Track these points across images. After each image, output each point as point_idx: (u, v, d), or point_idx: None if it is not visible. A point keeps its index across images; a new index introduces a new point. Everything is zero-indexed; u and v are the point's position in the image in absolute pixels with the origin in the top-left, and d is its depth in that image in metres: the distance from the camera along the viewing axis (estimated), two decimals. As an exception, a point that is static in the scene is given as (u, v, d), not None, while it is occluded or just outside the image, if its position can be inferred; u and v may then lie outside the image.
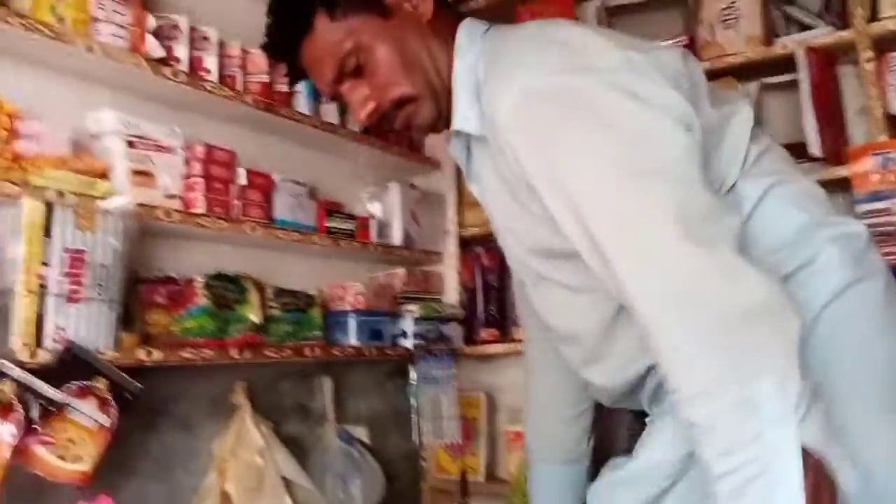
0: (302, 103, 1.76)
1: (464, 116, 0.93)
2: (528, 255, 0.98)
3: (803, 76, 1.72)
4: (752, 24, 1.85)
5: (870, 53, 1.69)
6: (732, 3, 1.88)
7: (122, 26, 1.32)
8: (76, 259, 1.17)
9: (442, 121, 0.98)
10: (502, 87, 0.82)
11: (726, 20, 1.88)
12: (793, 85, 1.76)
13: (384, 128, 1.02)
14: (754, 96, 1.90)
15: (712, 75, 1.86)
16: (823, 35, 1.76)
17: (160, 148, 1.39)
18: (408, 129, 1.00)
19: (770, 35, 1.85)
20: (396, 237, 1.96)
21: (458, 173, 2.11)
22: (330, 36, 0.92)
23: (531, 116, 0.80)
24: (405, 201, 1.99)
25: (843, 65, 1.84)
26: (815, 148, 1.67)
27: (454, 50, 0.94)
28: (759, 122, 0.99)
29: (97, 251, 1.20)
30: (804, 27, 1.84)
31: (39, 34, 1.18)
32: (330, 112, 1.84)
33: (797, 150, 1.75)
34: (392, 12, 0.93)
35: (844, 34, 1.73)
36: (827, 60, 1.78)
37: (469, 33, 0.95)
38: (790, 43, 1.79)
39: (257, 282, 1.55)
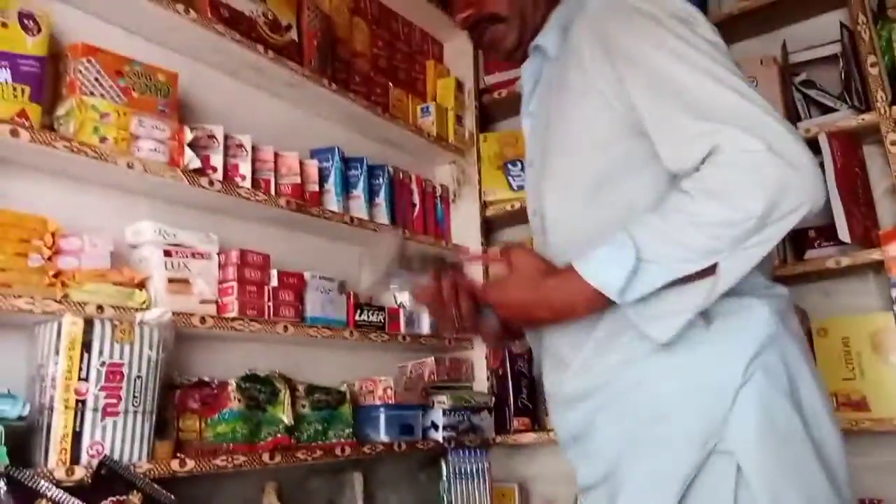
0: (332, 201, 1.81)
1: (547, 34, 1.09)
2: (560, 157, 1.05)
3: (827, 161, 1.73)
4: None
5: (894, 136, 1.69)
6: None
7: (160, 141, 1.37)
8: (114, 372, 1.19)
9: (520, 52, 1.14)
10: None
11: (747, 106, 1.90)
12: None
13: (474, 38, 1.16)
14: (779, 180, 1.91)
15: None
16: (846, 118, 1.77)
17: (196, 255, 1.43)
18: (489, 48, 1.16)
19: (792, 119, 1.86)
20: (425, 326, 1.97)
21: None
22: None
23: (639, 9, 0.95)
24: (433, 290, 2.01)
25: (868, 144, 1.84)
26: (843, 233, 1.67)
27: None
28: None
29: (134, 363, 1.22)
30: (826, 109, 1.86)
31: (84, 155, 1.23)
32: (358, 207, 1.89)
33: (826, 233, 1.75)
34: None
35: (867, 117, 1.74)
36: (850, 143, 1.79)
37: None
38: (812, 127, 1.80)
39: (289, 380, 1.56)
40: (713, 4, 2.02)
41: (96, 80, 1.30)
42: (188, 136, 1.42)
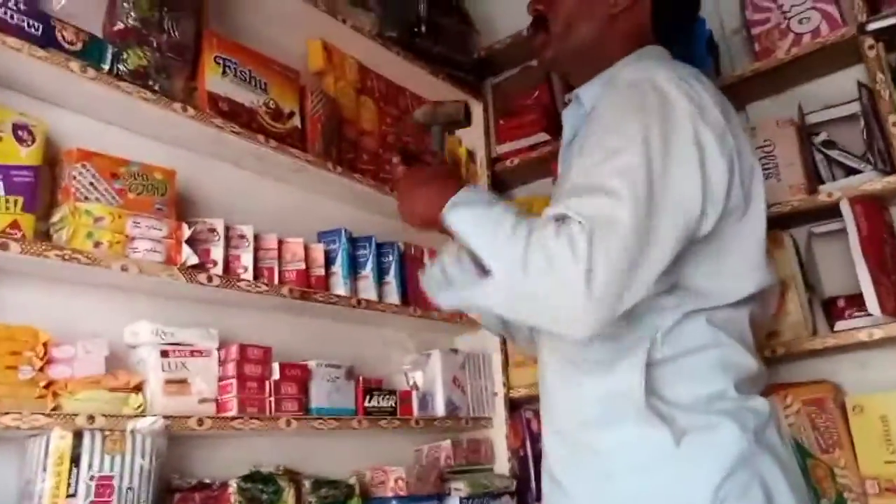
0: (339, 283, 1.78)
1: (589, 88, 1.17)
2: None
3: (850, 227, 1.64)
4: (793, 172, 1.80)
5: (922, 199, 1.61)
6: (769, 151, 1.84)
7: (157, 240, 1.37)
8: (104, 486, 1.16)
9: (558, 66, 1.30)
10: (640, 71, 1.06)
11: (765, 169, 1.84)
12: (845, 231, 1.68)
13: (532, 33, 1.26)
14: (804, 246, 1.83)
15: (755, 228, 1.81)
16: (871, 181, 1.69)
17: (195, 353, 1.41)
18: (538, 50, 1.23)
19: (813, 181, 1.79)
20: (439, 408, 1.91)
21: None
22: None
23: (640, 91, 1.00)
24: (447, 368, 1.96)
25: (894, 206, 1.76)
26: (872, 305, 1.57)
27: (632, 49, 1.15)
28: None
29: (125, 474, 1.19)
30: (849, 170, 1.78)
31: (76, 262, 1.23)
32: (367, 287, 1.86)
33: (857, 303, 1.65)
34: None
35: (892, 179, 1.65)
36: (876, 207, 1.70)
37: (657, 55, 1.15)
38: (835, 191, 1.72)
39: (294, 475, 1.51)
40: (725, 66, 1.98)
41: (91, 184, 1.30)
42: (186, 232, 1.41)
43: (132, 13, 1.39)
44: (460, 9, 2.35)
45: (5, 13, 1.17)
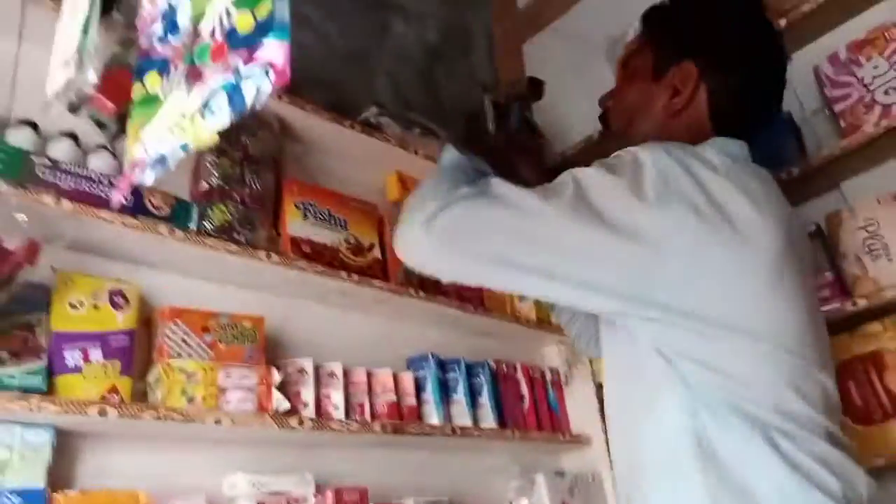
0: (432, 412, 1.74)
1: None
2: None
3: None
4: (904, 250, 1.67)
5: None
6: (873, 231, 1.72)
7: (249, 389, 1.37)
8: None
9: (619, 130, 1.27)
10: None
11: (872, 249, 1.71)
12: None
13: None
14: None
15: (871, 314, 1.67)
16: None
17: (291, 501, 1.38)
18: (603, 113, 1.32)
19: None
20: (547, 537, 1.79)
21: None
22: (640, 57, 1.22)
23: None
24: (554, 493, 1.85)
25: None
26: None
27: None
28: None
29: None
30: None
31: (171, 421, 1.24)
32: (461, 412, 1.80)
33: None
34: (660, 80, 1.17)
35: None
36: None
37: (720, 148, 1.06)
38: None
39: None
40: (812, 147, 1.89)
41: (183, 340, 1.33)
42: (276, 378, 1.42)
43: (215, 173, 1.46)
44: (529, 122, 2.38)
45: (101, 190, 1.25)
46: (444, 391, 1.80)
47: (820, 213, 1.82)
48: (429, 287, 1.84)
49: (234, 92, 0.64)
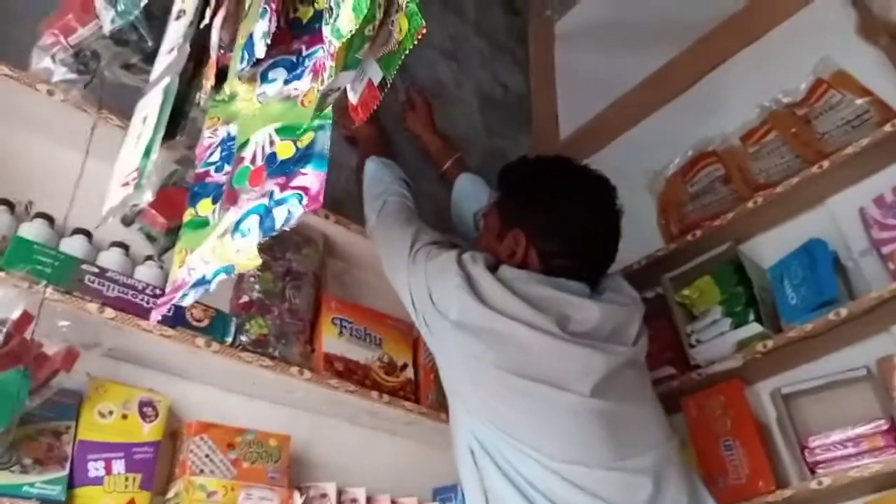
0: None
1: None
2: None
3: None
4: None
5: None
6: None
7: (269, 516, 1.32)
8: None
9: None
10: None
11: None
12: None
13: None
14: None
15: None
16: None
17: None
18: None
19: None
20: None
21: None
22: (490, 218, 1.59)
23: None
24: None
25: None
26: None
27: None
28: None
29: None
30: None
31: (187, 542, 1.19)
32: None
33: None
34: (502, 241, 1.48)
35: None
36: None
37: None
38: None
39: None
40: (860, 289, 1.83)
41: (207, 456, 1.31)
42: (297, 501, 1.37)
43: (257, 286, 1.48)
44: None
45: (144, 300, 1.27)
46: None
47: (871, 357, 1.75)
48: (460, 412, 1.80)
49: (265, 215, 0.66)
